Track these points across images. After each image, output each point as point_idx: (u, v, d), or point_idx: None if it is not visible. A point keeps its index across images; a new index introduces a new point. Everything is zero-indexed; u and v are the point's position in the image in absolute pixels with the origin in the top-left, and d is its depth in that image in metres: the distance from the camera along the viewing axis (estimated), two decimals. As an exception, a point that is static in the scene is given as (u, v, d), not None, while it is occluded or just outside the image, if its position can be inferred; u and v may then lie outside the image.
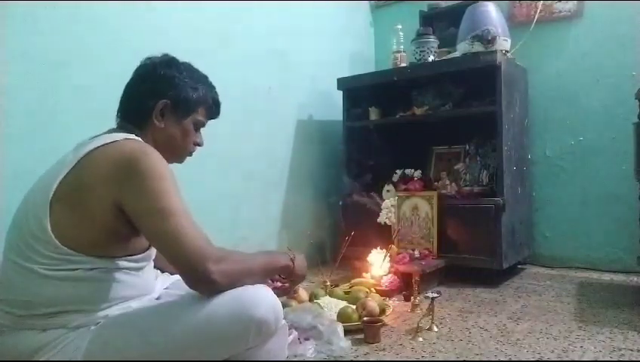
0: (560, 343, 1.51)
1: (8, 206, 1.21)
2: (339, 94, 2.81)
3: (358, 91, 2.78)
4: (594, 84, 2.58)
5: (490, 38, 2.29)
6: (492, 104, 2.29)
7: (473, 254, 2.28)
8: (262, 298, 1.03)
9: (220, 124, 1.35)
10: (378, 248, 2.21)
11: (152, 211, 0.97)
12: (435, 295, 1.67)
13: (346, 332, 1.53)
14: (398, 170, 2.68)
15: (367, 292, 1.93)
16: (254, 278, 1.07)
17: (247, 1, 2.46)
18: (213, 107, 1.24)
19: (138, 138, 1.10)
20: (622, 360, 1.37)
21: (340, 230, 2.62)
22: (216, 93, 1.25)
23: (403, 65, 2.70)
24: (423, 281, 2.06)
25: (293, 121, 2.82)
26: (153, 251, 1.15)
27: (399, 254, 2.28)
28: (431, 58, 2.58)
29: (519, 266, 2.61)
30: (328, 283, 2.03)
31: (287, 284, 1.28)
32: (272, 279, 1.27)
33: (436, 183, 2.55)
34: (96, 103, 1.67)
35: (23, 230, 1.00)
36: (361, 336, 1.57)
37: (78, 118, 1.71)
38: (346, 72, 3.01)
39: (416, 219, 2.44)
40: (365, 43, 3.41)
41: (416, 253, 2.31)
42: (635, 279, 2.32)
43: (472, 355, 1.43)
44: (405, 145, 2.80)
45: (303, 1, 2.83)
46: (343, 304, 1.76)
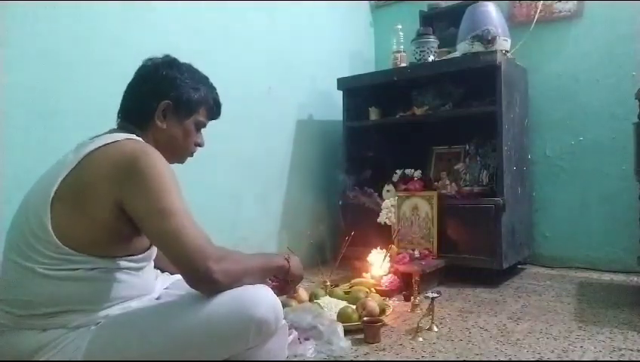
0: (560, 343, 1.51)
1: (8, 206, 1.21)
2: (339, 94, 2.81)
3: (358, 91, 2.78)
4: (594, 84, 2.58)
5: (490, 38, 2.29)
6: (492, 104, 2.29)
7: (473, 254, 2.28)
8: (262, 298, 1.03)
9: (220, 124, 1.35)
10: (378, 248, 2.21)
11: (153, 211, 0.97)
12: (435, 295, 1.67)
13: (346, 332, 1.53)
14: (398, 170, 2.68)
15: (367, 292, 1.93)
16: (253, 278, 1.08)
17: (247, 1, 2.47)
18: (214, 107, 1.25)
19: (139, 138, 1.10)
20: (622, 360, 1.37)
21: (340, 230, 2.62)
22: (216, 94, 1.26)
23: (403, 65, 2.70)
24: (423, 281, 2.06)
25: (293, 121, 2.82)
26: (153, 251, 1.15)
27: (399, 254, 2.28)
28: (431, 58, 2.58)
29: (519, 266, 2.61)
30: (328, 283, 2.03)
31: (285, 285, 1.29)
32: (270, 279, 1.28)
33: (436, 183, 2.55)
34: (97, 103, 1.67)
35: (24, 230, 1.00)
36: (361, 336, 1.57)
37: (78, 118, 1.71)
38: (346, 72, 3.01)
39: (416, 219, 2.44)
40: (365, 43, 3.41)
41: (416, 253, 2.31)
42: (635, 279, 2.32)
43: (472, 355, 1.43)
44: (405, 145, 2.81)
45: (303, 1, 2.83)
46: (343, 304, 1.76)
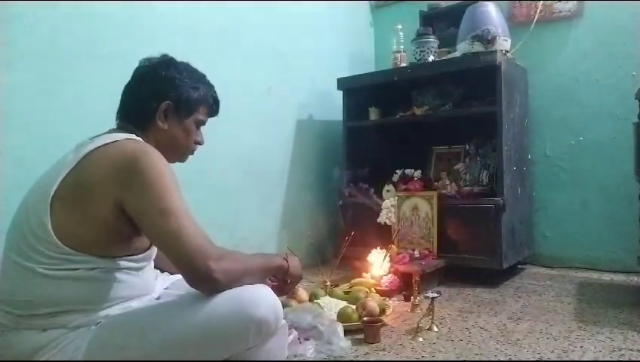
0: (560, 343, 1.51)
1: (8, 206, 1.21)
2: (339, 94, 2.81)
3: (358, 91, 2.78)
4: (594, 84, 2.58)
5: (490, 38, 2.29)
6: (492, 104, 2.29)
7: (473, 254, 2.28)
8: (262, 297, 1.03)
9: (220, 124, 1.35)
10: (378, 248, 2.21)
11: (153, 211, 0.97)
12: (435, 295, 1.67)
13: (346, 332, 1.53)
14: (398, 170, 2.68)
15: (367, 292, 1.93)
16: (253, 278, 1.08)
17: (248, 1, 2.47)
18: (213, 105, 1.26)
19: (139, 138, 1.10)
20: (622, 360, 1.37)
21: (340, 230, 2.62)
22: (215, 92, 1.27)
23: (403, 65, 2.70)
24: (423, 281, 2.06)
25: (293, 121, 2.82)
26: (153, 251, 1.15)
27: (399, 254, 2.28)
28: (431, 58, 2.58)
29: (519, 266, 2.61)
30: (328, 283, 2.03)
31: (284, 285, 1.29)
32: (270, 279, 1.28)
33: (436, 183, 2.55)
34: (97, 103, 1.67)
35: (24, 230, 1.00)
36: (361, 336, 1.57)
37: (79, 117, 1.71)
38: (346, 72, 3.01)
39: (416, 219, 2.44)
40: (365, 43, 3.41)
41: (416, 253, 2.31)
42: (635, 279, 2.32)
43: (472, 355, 1.43)
44: (405, 145, 2.81)
45: (303, 1, 2.83)
46: (343, 304, 1.76)
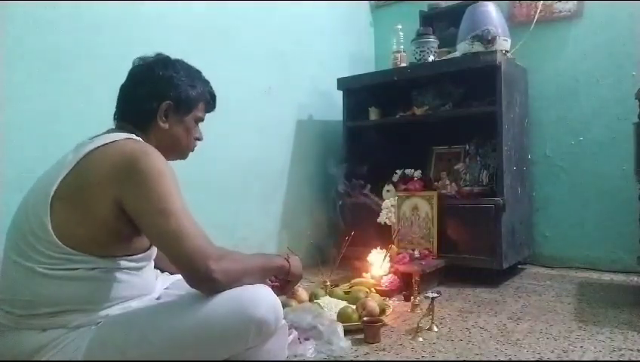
0: (560, 343, 1.51)
1: (8, 206, 1.21)
2: (339, 94, 2.81)
3: (358, 91, 2.78)
4: (594, 84, 2.58)
5: (490, 38, 2.29)
6: (492, 104, 2.29)
7: (473, 254, 2.28)
8: (262, 298, 1.03)
9: (220, 124, 1.35)
10: (378, 248, 2.21)
11: (153, 211, 0.97)
12: (435, 295, 1.67)
13: (346, 332, 1.53)
14: (398, 170, 2.68)
15: (367, 292, 1.92)
16: (253, 278, 1.08)
17: (248, 0, 2.47)
18: (210, 101, 1.28)
19: (138, 138, 1.10)
20: (622, 360, 1.37)
21: (340, 230, 2.62)
22: (211, 87, 1.28)
23: (403, 65, 2.70)
24: (423, 281, 2.06)
25: (293, 121, 2.82)
26: (154, 251, 1.15)
27: (399, 254, 2.28)
28: (431, 58, 2.58)
29: (519, 266, 2.61)
30: (328, 283, 2.03)
31: (285, 285, 1.29)
32: (270, 280, 1.28)
33: (436, 183, 2.55)
34: (97, 103, 1.66)
35: (24, 230, 1.00)
36: (361, 336, 1.57)
37: (78, 117, 1.71)
38: (346, 72, 3.01)
39: (416, 219, 2.44)
40: (365, 43, 3.41)
41: (416, 253, 2.31)
42: (635, 279, 2.32)
43: (472, 355, 1.43)
44: (405, 145, 2.80)
45: (303, 1, 2.83)
46: (343, 304, 1.76)
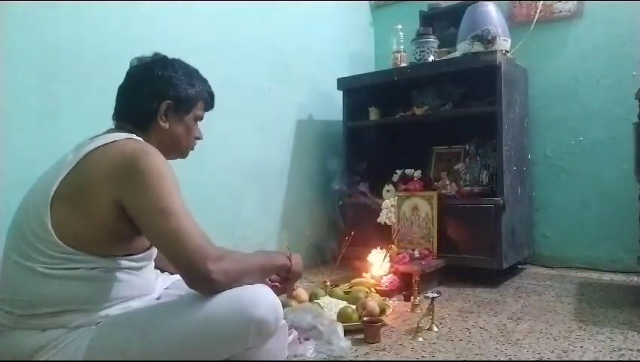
0: (560, 343, 1.51)
1: (8, 206, 1.21)
2: (339, 94, 2.81)
3: (358, 91, 2.78)
4: (594, 84, 2.58)
5: (490, 38, 2.29)
6: (492, 104, 2.29)
7: (473, 254, 2.28)
8: (262, 298, 1.03)
9: (221, 124, 1.35)
10: (378, 248, 2.21)
11: (152, 211, 0.97)
12: (435, 295, 1.67)
13: (346, 332, 1.53)
14: (398, 170, 2.68)
15: (367, 292, 1.93)
16: (253, 278, 1.07)
17: (248, 1, 2.46)
18: (209, 100, 1.28)
19: (139, 138, 1.10)
20: (622, 360, 1.37)
21: (340, 230, 2.62)
22: (209, 86, 1.28)
23: (403, 65, 2.70)
24: (423, 281, 2.06)
25: (293, 121, 2.82)
26: (154, 251, 1.15)
27: (399, 254, 2.28)
28: (431, 58, 2.58)
29: (519, 266, 2.61)
30: (328, 283, 2.03)
31: (285, 284, 1.29)
32: (270, 279, 1.28)
33: (436, 183, 2.55)
34: (97, 103, 1.66)
35: (24, 229, 1.01)
36: (361, 336, 1.57)
37: (78, 118, 1.71)
38: (346, 72, 3.01)
39: (416, 219, 2.44)
40: (365, 43, 3.41)
41: (416, 253, 2.31)
42: (635, 279, 2.32)
43: (472, 355, 1.43)
44: (405, 145, 2.80)
45: (303, 1, 2.83)
46: (343, 304, 1.76)
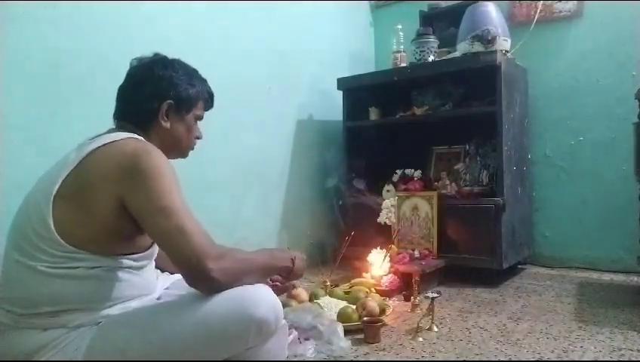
0: (560, 343, 1.51)
1: (8, 206, 1.21)
2: (339, 94, 2.81)
3: (358, 91, 2.78)
4: (594, 84, 2.58)
5: (490, 38, 2.29)
6: (492, 104, 2.29)
7: (473, 254, 2.28)
8: (262, 297, 1.03)
9: (221, 123, 1.36)
10: (378, 248, 2.21)
11: (154, 210, 0.98)
12: (435, 295, 1.67)
13: (346, 332, 1.53)
14: (398, 170, 2.68)
15: (367, 292, 1.93)
16: (254, 277, 1.08)
17: (248, 1, 2.47)
18: (209, 99, 1.29)
19: (140, 137, 1.11)
20: (622, 360, 1.37)
21: (340, 230, 2.62)
22: (209, 86, 1.29)
23: (403, 65, 2.70)
24: (423, 281, 2.06)
25: (293, 121, 2.82)
26: (155, 250, 1.15)
27: (399, 254, 2.28)
28: (431, 58, 2.58)
29: (519, 266, 2.61)
30: (328, 283, 2.03)
31: (286, 284, 1.31)
32: (271, 279, 1.29)
33: (436, 183, 2.55)
34: (97, 103, 1.66)
35: (26, 229, 1.01)
36: (361, 336, 1.57)
37: (78, 118, 1.71)
38: (346, 72, 3.01)
39: (416, 219, 2.44)
40: (365, 43, 3.40)
41: (416, 253, 2.31)
42: (635, 279, 2.32)
43: (472, 355, 1.43)
44: (405, 145, 2.80)
45: (303, 1, 2.83)
46: (343, 304, 1.76)
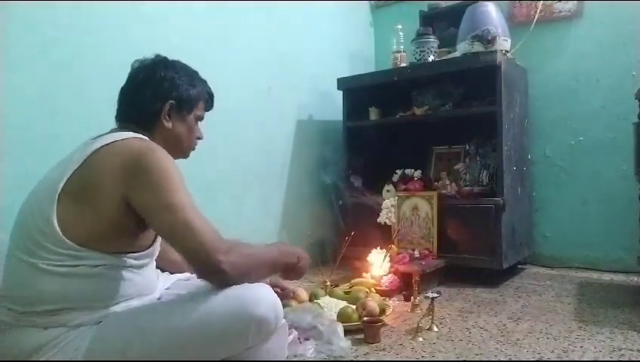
0: (560, 343, 1.51)
1: (9, 206, 1.21)
2: (339, 94, 2.81)
3: (358, 91, 2.78)
4: (594, 84, 2.58)
5: (490, 38, 2.29)
6: (492, 104, 2.29)
7: (473, 254, 2.28)
8: (262, 296, 1.04)
9: (221, 124, 1.36)
10: (378, 248, 2.21)
11: (161, 207, 0.99)
12: (435, 295, 1.67)
13: (346, 332, 1.53)
14: (398, 170, 2.68)
15: (367, 292, 1.93)
16: (262, 271, 1.10)
17: (248, 1, 2.46)
18: (209, 100, 1.31)
19: (145, 137, 1.12)
20: (622, 360, 1.37)
21: (340, 230, 2.62)
22: (209, 87, 1.31)
23: (403, 65, 2.70)
24: (423, 281, 2.06)
25: (293, 121, 2.82)
26: (156, 249, 1.16)
27: (399, 254, 2.28)
28: (431, 58, 2.58)
29: (519, 266, 2.61)
30: (328, 283, 2.03)
31: (286, 291, 1.37)
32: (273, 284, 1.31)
33: (436, 183, 2.55)
34: (97, 103, 1.66)
35: (29, 227, 1.01)
36: (361, 336, 1.57)
37: (79, 118, 1.71)
38: (346, 72, 3.01)
39: (416, 219, 2.44)
40: (365, 43, 3.40)
41: (416, 253, 2.31)
42: (635, 279, 2.32)
43: (472, 355, 1.43)
44: (405, 145, 2.80)
45: (303, 1, 2.83)
46: (343, 304, 1.76)
